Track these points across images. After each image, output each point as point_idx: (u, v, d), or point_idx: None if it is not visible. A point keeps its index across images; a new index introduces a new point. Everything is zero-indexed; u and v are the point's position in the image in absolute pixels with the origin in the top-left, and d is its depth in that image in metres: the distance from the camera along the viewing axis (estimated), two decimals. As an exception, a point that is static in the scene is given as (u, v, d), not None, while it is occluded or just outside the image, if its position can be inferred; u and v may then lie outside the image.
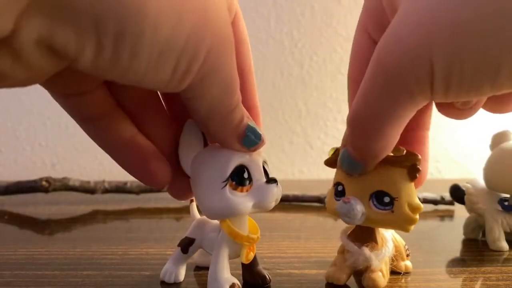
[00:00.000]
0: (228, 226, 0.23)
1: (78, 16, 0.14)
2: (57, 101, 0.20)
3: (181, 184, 0.23)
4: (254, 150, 0.22)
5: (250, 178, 0.22)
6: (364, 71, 0.25)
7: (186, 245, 0.26)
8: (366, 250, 0.25)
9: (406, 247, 0.28)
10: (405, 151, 0.23)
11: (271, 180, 0.22)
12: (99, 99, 0.20)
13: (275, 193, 0.22)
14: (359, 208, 0.23)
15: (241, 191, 0.22)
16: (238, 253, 0.24)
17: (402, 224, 0.24)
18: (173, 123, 0.23)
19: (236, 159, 0.22)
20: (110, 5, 0.14)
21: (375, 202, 0.24)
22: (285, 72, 0.70)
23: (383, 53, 0.19)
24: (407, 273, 0.28)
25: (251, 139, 0.21)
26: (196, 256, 0.29)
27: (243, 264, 0.26)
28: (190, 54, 0.16)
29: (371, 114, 0.20)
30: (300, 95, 0.70)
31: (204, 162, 0.22)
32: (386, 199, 0.23)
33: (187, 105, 0.20)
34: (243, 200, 0.22)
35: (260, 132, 0.22)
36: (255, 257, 0.25)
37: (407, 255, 0.28)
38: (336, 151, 0.26)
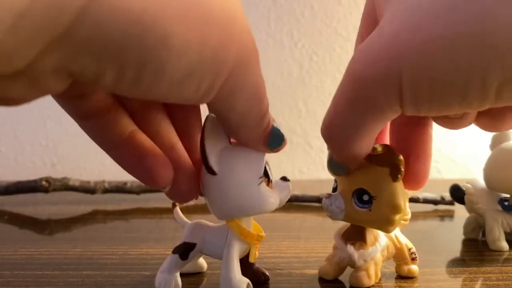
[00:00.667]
0: (238, 225, 0.23)
1: (100, 49, 0.13)
2: (56, 101, 0.20)
3: (186, 183, 0.22)
4: (278, 151, 0.23)
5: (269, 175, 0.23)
6: None
7: (187, 250, 0.25)
8: (350, 248, 0.25)
9: (412, 250, 0.28)
10: (383, 150, 0.23)
11: (286, 178, 0.24)
12: (99, 98, 0.20)
13: (290, 189, 0.24)
14: (337, 204, 0.24)
15: (270, 187, 0.23)
16: (243, 253, 0.24)
17: (381, 224, 0.24)
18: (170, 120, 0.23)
19: (264, 157, 0.23)
20: (133, 39, 0.13)
21: (355, 200, 0.24)
22: (285, 72, 0.70)
23: (354, 64, 0.19)
24: (411, 277, 0.28)
25: (276, 141, 0.22)
26: None
27: (241, 264, 0.25)
28: (214, 73, 0.16)
29: (341, 124, 0.20)
30: (300, 95, 0.70)
31: (236, 159, 0.22)
32: (365, 197, 0.24)
33: (217, 116, 0.20)
34: (274, 195, 0.23)
35: (283, 134, 0.22)
36: None
37: (413, 259, 0.28)
38: None
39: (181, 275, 0.25)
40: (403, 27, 0.17)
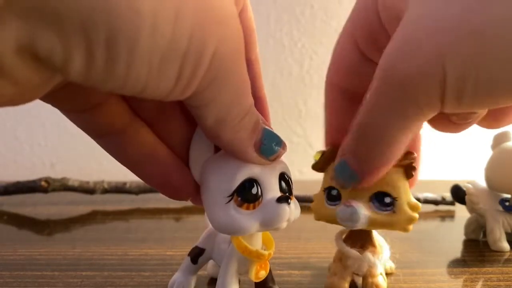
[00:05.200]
0: (237, 238, 0.21)
1: (61, 17, 0.12)
2: (67, 117, 0.18)
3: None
4: (275, 159, 0.20)
5: (259, 194, 0.19)
6: (348, 81, 0.24)
7: (196, 255, 0.25)
8: (370, 256, 0.24)
9: (388, 246, 0.28)
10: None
11: (282, 199, 0.19)
12: (114, 111, 0.19)
13: (286, 213, 0.19)
14: (362, 211, 0.23)
15: (247, 208, 0.19)
16: (250, 268, 0.22)
17: (403, 224, 0.23)
18: (191, 125, 0.21)
19: (245, 171, 0.19)
20: (97, 2, 0.12)
21: (376, 204, 0.23)
22: (285, 72, 0.70)
23: (389, 64, 0.18)
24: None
25: (270, 147, 0.19)
26: (209, 267, 0.27)
27: (256, 284, 0.24)
28: (195, 56, 0.14)
29: (377, 125, 0.19)
30: (300, 95, 0.70)
31: (212, 172, 0.20)
32: (387, 200, 0.23)
33: (194, 115, 0.17)
34: (247, 219, 0.19)
35: (279, 137, 0.19)
36: (270, 274, 0.23)
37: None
38: (323, 154, 0.25)
39: (209, 281, 0.26)
40: (443, 19, 0.16)
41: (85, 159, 0.68)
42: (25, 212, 0.46)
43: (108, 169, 0.65)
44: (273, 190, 0.20)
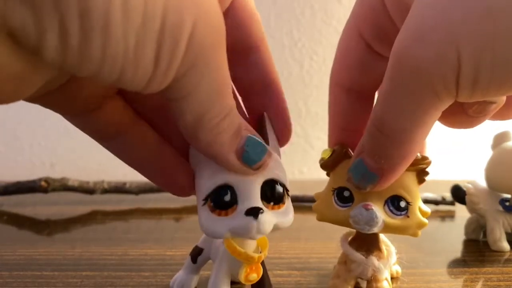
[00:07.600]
0: (228, 239, 0.21)
1: None
2: (70, 121, 0.19)
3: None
4: (259, 169, 0.19)
5: (233, 201, 0.19)
6: (354, 78, 0.23)
7: (195, 254, 0.26)
8: (375, 260, 0.24)
9: (395, 250, 0.28)
10: (419, 155, 0.23)
11: (251, 212, 0.18)
12: (114, 113, 0.19)
13: (251, 227, 0.18)
14: (380, 215, 0.22)
15: (219, 214, 0.19)
16: (243, 270, 0.22)
17: (415, 229, 0.23)
18: None
19: (222, 177, 0.19)
20: None
21: (391, 208, 0.23)
22: (285, 72, 0.70)
23: (402, 50, 0.17)
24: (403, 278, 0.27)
25: (253, 154, 0.18)
26: None
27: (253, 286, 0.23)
28: (171, 35, 0.14)
29: (394, 117, 0.18)
30: (300, 95, 0.70)
31: (199, 173, 0.20)
32: (402, 204, 0.23)
33: (173, 113, 0.17)
34: (217, 225, 0.19)
35: (265, 145, 0.19)
36: (267, 278, 0.23)
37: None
38: (333, 152, 0.25)
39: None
40: (456, 0, 0.16)
41: (85, 159, 0.68)
42: (25, 212, 0.46)
43: (108, 169, 0.65)
44: (251, 199, 0.19)
